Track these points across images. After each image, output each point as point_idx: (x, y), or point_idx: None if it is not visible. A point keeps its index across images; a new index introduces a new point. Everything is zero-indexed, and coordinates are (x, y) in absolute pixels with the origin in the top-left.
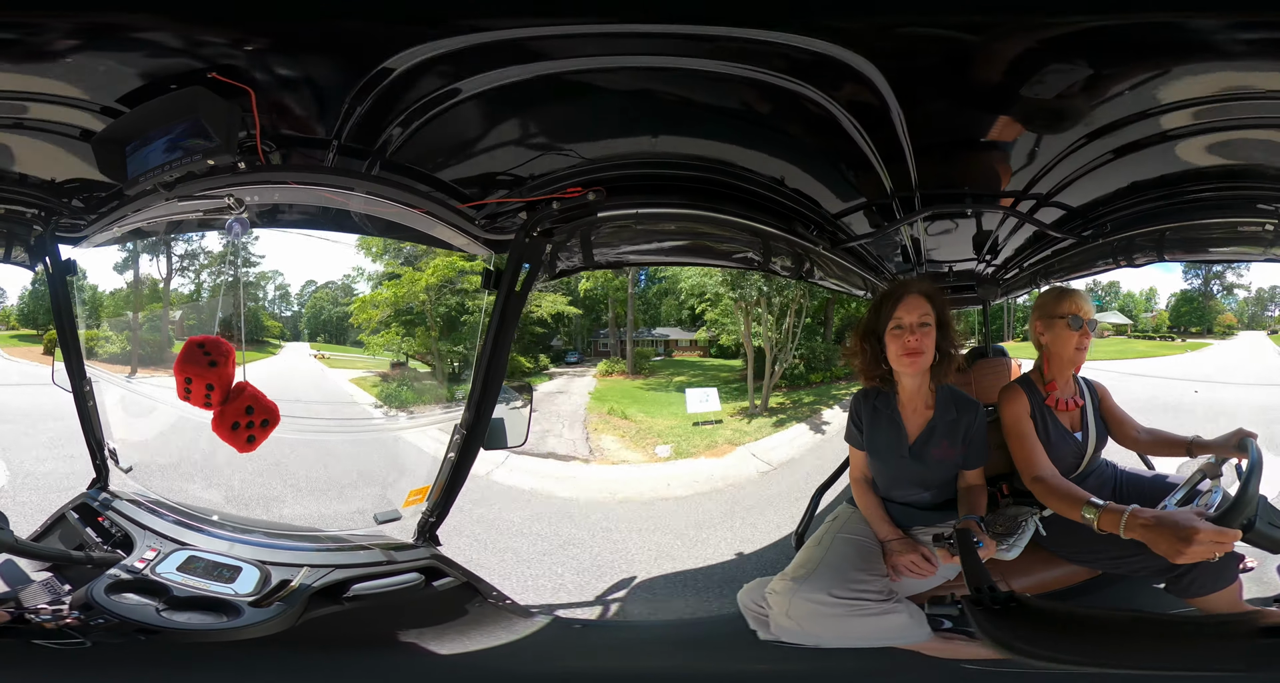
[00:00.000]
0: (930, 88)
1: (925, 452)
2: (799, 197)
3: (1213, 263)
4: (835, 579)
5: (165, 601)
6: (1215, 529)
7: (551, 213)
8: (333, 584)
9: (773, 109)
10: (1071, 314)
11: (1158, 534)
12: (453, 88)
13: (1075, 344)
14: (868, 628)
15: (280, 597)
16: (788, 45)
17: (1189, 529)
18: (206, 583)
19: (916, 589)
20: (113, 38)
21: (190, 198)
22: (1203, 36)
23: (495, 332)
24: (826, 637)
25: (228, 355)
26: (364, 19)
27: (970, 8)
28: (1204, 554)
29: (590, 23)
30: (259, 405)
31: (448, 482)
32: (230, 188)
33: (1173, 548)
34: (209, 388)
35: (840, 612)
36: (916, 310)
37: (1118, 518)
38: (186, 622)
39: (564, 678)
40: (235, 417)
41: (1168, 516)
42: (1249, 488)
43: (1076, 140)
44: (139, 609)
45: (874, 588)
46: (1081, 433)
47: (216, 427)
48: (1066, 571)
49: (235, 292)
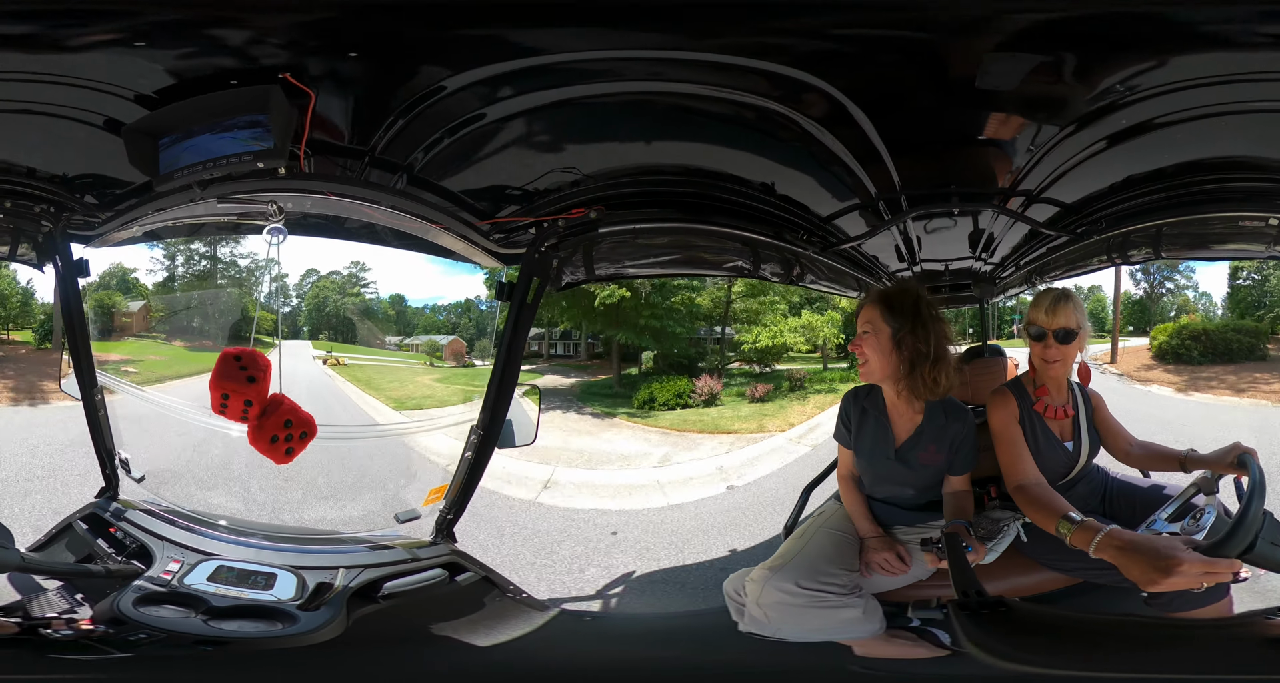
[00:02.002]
0: (885, 88)
1: (911, 455)
2: (788, 203)
3: (1214, 260)
4: (806, 571)
5: (205, 611)
6: (1204, 561)
7: (557, 230)
8: (366, 584)
9: (755, 121)
10: (1031, 323)
11: (1131, 560)
12: (485, 108)
13: (1038, 354)
14: (820, 621)
15: (325, 600)
16: (742, 66)
17: (1170, 560)
18: (245, 592)
19: (884, 587)
20: (180, 28)
21: (228, 199)
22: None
23: (509, 340)
24: (785, 629)
25: (265, 369)
26: (435, 33)
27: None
28: (1186, 585)
29: (601, 49)
30: (297, 418)
31: (465, 480)
32: (272, 193)
33: (1147, 577)
34: (247, 403)
35: (802, 602)
36: (862, 317)
37: (1091, 537)
38: (241, 630)
39: (582, 668)
40: (274, 430)
41: (1147, 541)
42: (1250, 511)
43: (1056, 133)
44: (182, 621)
45: (839, 582)
46: (1072, 443)
47: (254, 441)
48: (1044, 577)
49: (273, 302)
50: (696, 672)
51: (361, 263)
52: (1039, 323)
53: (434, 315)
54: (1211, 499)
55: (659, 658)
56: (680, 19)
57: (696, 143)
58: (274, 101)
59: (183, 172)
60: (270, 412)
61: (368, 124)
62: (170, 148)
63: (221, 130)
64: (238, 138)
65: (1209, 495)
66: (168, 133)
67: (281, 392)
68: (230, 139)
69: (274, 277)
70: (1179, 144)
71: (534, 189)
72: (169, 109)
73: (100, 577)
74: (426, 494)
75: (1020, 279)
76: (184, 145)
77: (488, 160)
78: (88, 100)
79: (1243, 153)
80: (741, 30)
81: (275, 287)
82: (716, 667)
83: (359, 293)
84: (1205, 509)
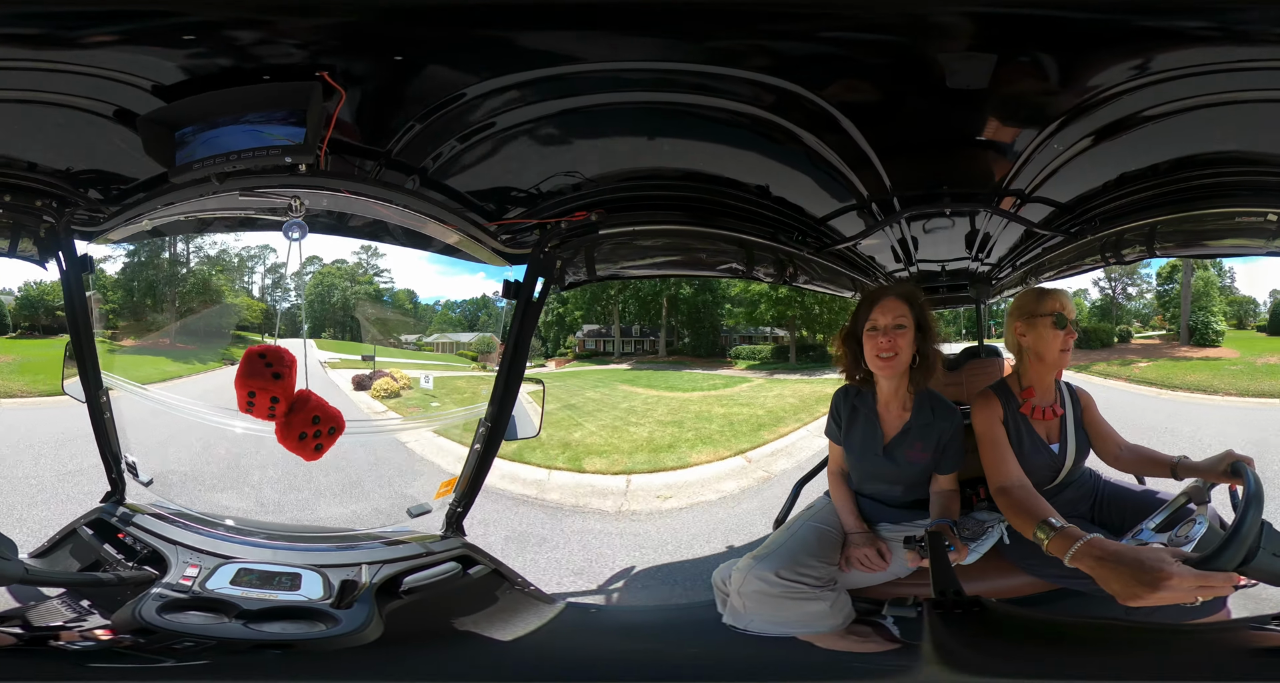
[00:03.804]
0: (865, 91)
1: (898, 452)
2: (783, 205)
3: (1210, 257)
4: (786, 562)
5: (236, 615)
6: (1196, 574)
7: (560, 231)
8: (388, 580)
9: (749, 127)
10: (1055, 312)
11: (1111, 572)
12: (497, 116)
13: (1060, 345)
14: (789, 612)
15: (356, 597)
16: (730, 75)
17: (1157, 573)
18: (273, 593)
19: (862, 583)
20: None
21: (250, 193)
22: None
23: (516, 336)
24: (758, 620)
25: (291, 366)
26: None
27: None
28: (1176, 600)
29: (608, 62)
30: (325, 414)
31: (474, 472)
32: (293, 189)
33: (1129, 590)
34: (274, 401)
35: (778, 593)
36: (891, 312)
37: (1068, 545)
38: (284, 633)
39: (594, 660)
40: (302, 427)
41: (1131, 553)
42: (1245, 522)
43: (1041, 131)
44: (219, 627)
45: (816, 575)
46: (1059, 445)
47: (283, 438)
48: (1025, 580)
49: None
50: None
51: (373, 248)
52: (1064, 312)
53: (448, 312)
54: (1203, 509)
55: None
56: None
57: (693, 148)
58: (314, 98)
59: (202, 163)
60: (298, 408)
61: (387, 126)
62: (188, 140)
63: (246, 124)
64: (263, 132)
65: (1200, 505)
66: (186, 124)
67: (308, 388)
68: (254, 133)
69: (292, 273)
70: (1171, 138)
71: (538, 191)
72: (191, 100)
73: (112, 585)
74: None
75: (1017, 279)
76: (203, 137)
77: (496, 164)
78: (99, 90)
79: (1238, 146)
80: (731, 35)
81: (291, 283)
82: (704, 659)
83: (371, 280)
84: (1196, 520)
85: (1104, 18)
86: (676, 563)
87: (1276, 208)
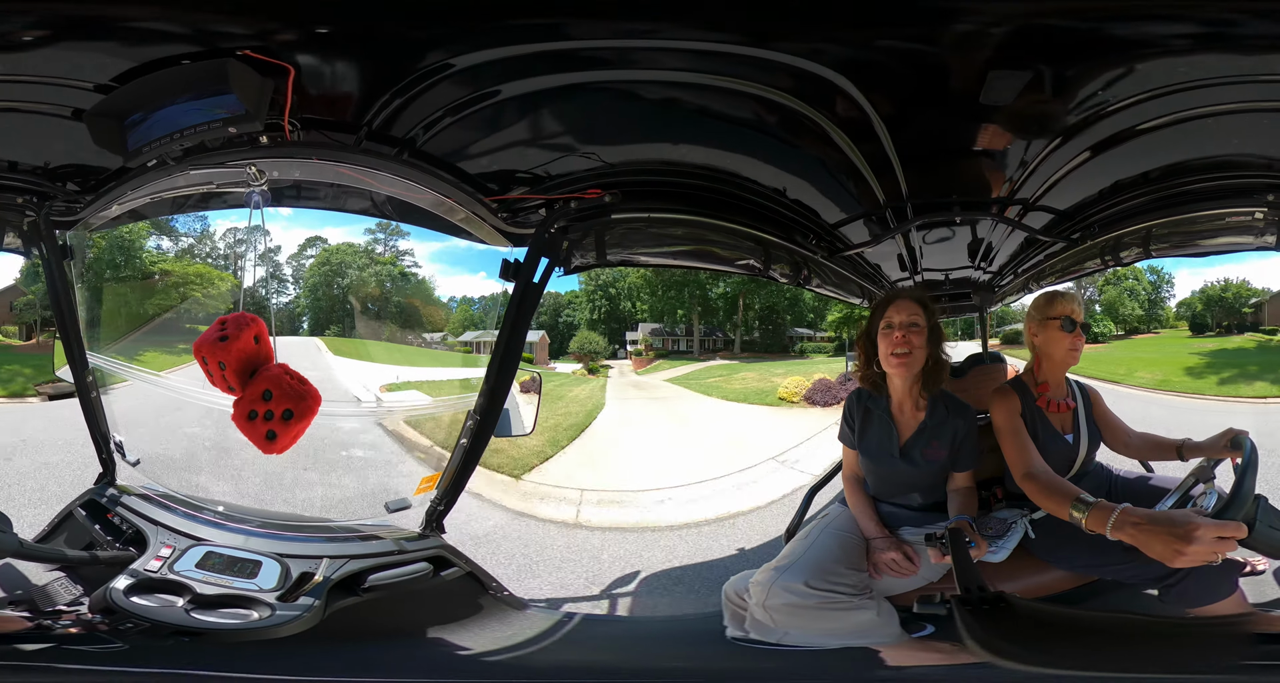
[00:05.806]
0: (902, 98)
1: (915, 452)
2: (799, 207)
3: (1204, 255)
4: (814, 571)
5: (191, 599)
6: (1217, 524)
7: (569, 211)
8: (349, 576)
9: (777, 123)
10: (1064, 316)
11: (1151, 535)
12: (495, 89)
13: (1068, 345)
14: (836, 624)
15: (305, 591)
16: (782, 63)
17: (1188, 526)
18: (229, 580)
19: (896, 589)
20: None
21: (205, 166)
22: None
23: (513, 321)
24: (794, 633)
25: (242, 327)
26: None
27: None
28: (1205, 555)
29: (624, 39)
30: (280, 389)
31: (459, 468)
32: (252, 160)
33: (1169, 549)
34: (221, 366)
35: (813, 603)
36: (906, 311)
37: (1106, 517)
38: (218, 622)
39: (564, 669)
40: (250, 404)
41: (1163, 514)
42: (1245, 482)
43: (1049, 143)
44: (166, 611)
45: (850, 583)
46: (1073, 436)
47: (235, 417)
48: (1055, 576)
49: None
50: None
51: (392, 225)
52: (1072, 315)
53: (467, 307)
54: (1210, 485)
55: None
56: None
57: (715, 140)
58: (234, 72)
59: (153, 145)
60: (250, 378)
61: (366, 100)
62: (138, 125)
63: (187, 104)
64: (206, 107)
65: (1206, 483)
66: (132, 112)
67: (275, 359)
68: (198, 110)
69: (264, 249)
70: (1163, 148)
71: (544, 173)
72: (124, 90)
73: (95, 564)
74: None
75: (1018, 286)
76: (150, 121)
77: (501, 142)
78: (54, 94)
79: (1225, 152)
80: (783, 28)
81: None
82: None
83: (394, 260)
84: (1207, 493)
85: (1140, 31)
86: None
87: (1262, 207)
